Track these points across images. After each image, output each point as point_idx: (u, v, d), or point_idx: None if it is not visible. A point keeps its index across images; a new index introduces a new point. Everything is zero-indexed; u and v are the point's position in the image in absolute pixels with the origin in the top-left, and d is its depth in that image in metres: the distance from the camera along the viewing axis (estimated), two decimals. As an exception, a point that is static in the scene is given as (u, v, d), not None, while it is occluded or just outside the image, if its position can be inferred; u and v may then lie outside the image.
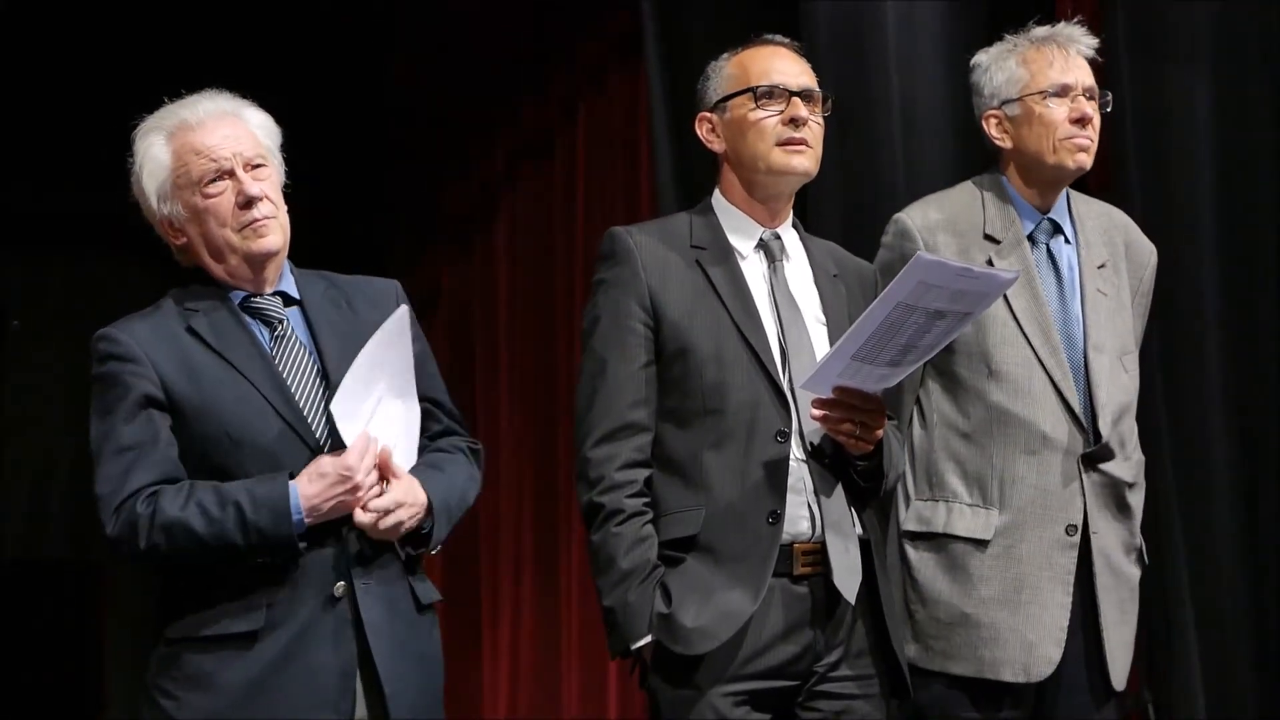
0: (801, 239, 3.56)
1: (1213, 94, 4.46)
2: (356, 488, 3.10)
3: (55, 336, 7.37)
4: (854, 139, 4.52)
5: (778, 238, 3.50)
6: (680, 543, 3.33)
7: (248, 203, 3.19)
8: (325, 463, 3.11)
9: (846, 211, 4.46)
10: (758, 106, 3.45)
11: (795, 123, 3.44)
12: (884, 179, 4.57)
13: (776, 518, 3.31)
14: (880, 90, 4.61)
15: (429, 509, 3.19)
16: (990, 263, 3.66)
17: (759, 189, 3.49)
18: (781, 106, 3.45)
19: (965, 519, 3.63)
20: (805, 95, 3.46)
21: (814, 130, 3.47)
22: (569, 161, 6.89)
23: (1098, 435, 3.65)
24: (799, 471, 3.35)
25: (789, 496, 3.33)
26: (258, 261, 3.23)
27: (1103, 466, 3.65)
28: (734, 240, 3.49)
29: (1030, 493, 3.61)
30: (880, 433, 3.33)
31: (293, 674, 3.10)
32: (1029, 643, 3.58)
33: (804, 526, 3.34)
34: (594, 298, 3.46)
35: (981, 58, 3.81)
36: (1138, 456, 3.75)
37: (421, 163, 7.71)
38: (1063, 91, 3.71)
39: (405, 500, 3.16)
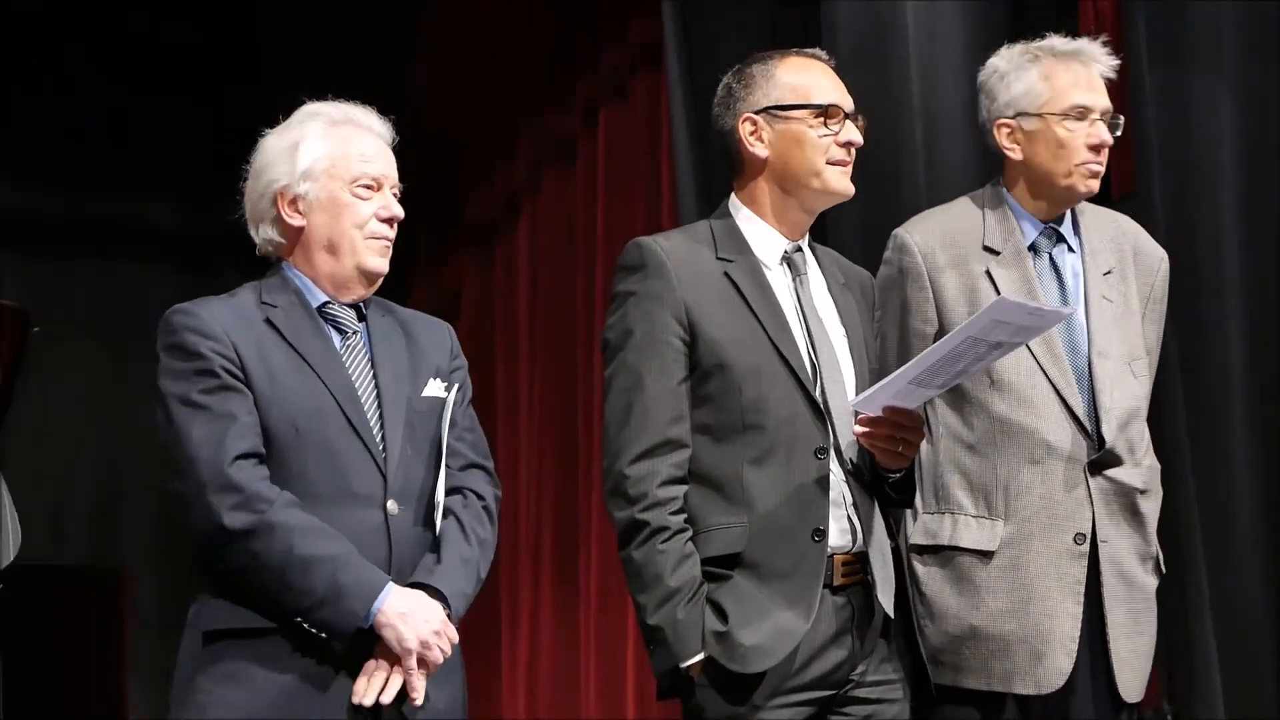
0: (811, 248, 3.56)
1: (1236, 100, 4.45)
2: (441, 647, 3.17)
3: (77, 342, 7.38)
4: (875, 144, 4.50)
5: (800, 250, 3.50)
6: (723, 560, 3.32)
7: (389, 220, 3.30)
8: (440, 611, 3.18)
9: (867, 218, 4.44)
10: (821, 124, 3.44)
11: (849, 146, 3.46)
12: (906, 185, 4.56)
13: (821, 534, 3.32)
14: (902, 94, 4.60)
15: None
16: (989, 273, 3.66)
17: (802, 202, 3.48)
18: (839, 127, 3.44)
19: (971, 531, 3.62)
20: (856, 115, 3.48)
21: (855, 152, 3.50)
22: (590, 168, 6.89)
23: (1103, 441, 3.63)
24: (839, 486, 3.36)
25: (831, 510, 3.34)
26: (367, 275, 3.31)
27: (1110, 473, 3.63)
28: (758, 252, 3.47)
29: (1036, 502, 3.60)
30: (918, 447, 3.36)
31: (332, 680, 3.13)
32: (1038, 654, 3.56)
33: (844, 539, 3.36)
34: (622, 309, 3.41)
35: (998, 63, 3.76)
36: (1149, 463, 3.72)
37: (444, 169, 7.72)
38: (1083, 114, 3.69)
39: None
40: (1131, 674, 3.63)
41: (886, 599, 3.37)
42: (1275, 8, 4.43)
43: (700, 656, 3.28)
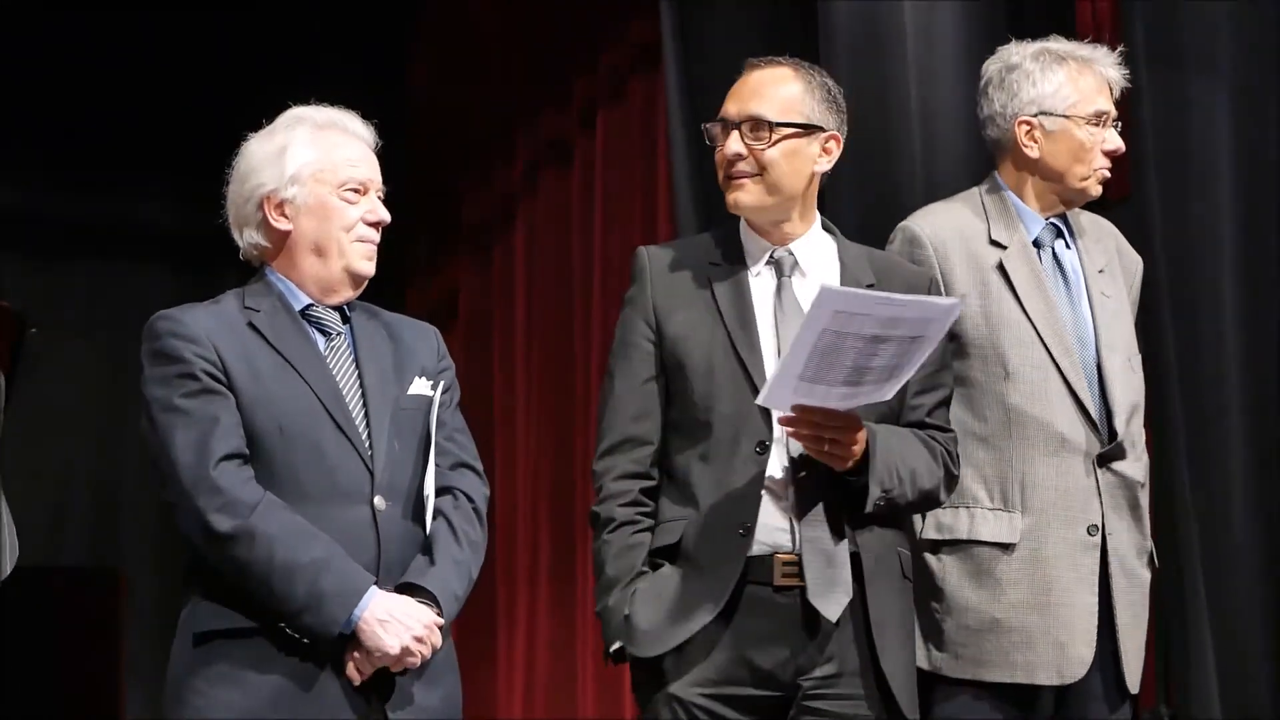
0: (838, 248, 3.55)
1: (1232, 102, 4.45)
2: (421, 651, 3.16)
3: (75, 343, 7.38)
4: (873, 144, 4.51)
5: (791, 254, 3.50)
6: (666, 551, 3.40)
7: (375, 224, 3.31)
8: (426, 612, 3.18)
9: (865, 218, 4.44)
10: (714, 139, 3.49)
11: (725, 161, 3.46)
12: (903, 185, 4.56)
13: (748, 530, 3.34)
14: (899, 95, 4.60)
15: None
16: (1001, 266, 3.67)
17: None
18: (718, 142, 3.48)
19: (989, 524, 3.62)
20: (752, 123, 3.44)
21: (759, 160, 3.43)
22: (587, 169, 6.90)
23: (1112, 435, 3.65)
24: (781, 485, 3.36)
25: (769, 508, 3.35)
26: (354, 278, 3.32)
27: (1116, 466, 3.65)
28: (750, 256, 3.51)
29: (1051, 494, 3.61)
30: (858, 449, 3.31)
31: (324, 679, 3.14)
32: (1061, 644, 3.58)
33: (783, 539, 3.35)
34: (620, 317, 3.55)
35: (1019, 60, 3.76)
36: (1146, 458, 3.75)
37: (441, 171, 7.73)
38: (1104, 121, 3.71)
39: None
40: (1135, 666, 3.66)
41: (823, 603, 3.31)
42: (1273, 8, 4.44)
43: (619, 643, 3.37)
